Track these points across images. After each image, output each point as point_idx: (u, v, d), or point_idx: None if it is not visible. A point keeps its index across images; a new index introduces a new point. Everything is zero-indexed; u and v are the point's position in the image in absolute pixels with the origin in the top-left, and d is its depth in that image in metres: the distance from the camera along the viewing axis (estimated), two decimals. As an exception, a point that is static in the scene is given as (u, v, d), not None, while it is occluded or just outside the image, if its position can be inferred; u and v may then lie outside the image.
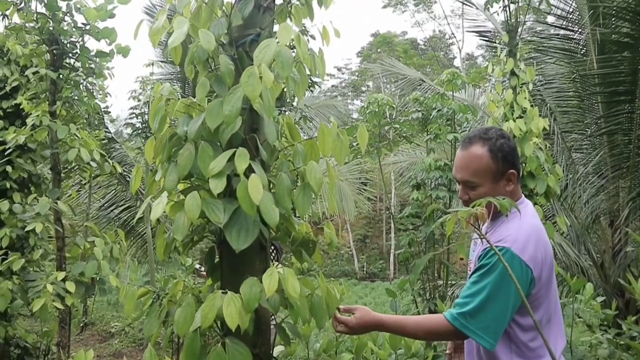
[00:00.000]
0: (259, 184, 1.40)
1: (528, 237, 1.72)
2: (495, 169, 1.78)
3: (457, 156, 1.87)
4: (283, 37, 1.48)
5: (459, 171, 1.84)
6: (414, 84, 9.38)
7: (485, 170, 1.77)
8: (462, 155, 1.84)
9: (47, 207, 3.81)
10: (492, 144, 1.78)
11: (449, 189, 5.56)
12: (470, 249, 2.03)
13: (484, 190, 1.77)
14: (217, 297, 1.39)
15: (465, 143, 1.85)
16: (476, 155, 1.79)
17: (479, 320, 1.66)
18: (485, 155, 1.77)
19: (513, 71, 4.02)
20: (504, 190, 1.80)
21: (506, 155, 1.79)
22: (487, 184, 1.78)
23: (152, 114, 1.67)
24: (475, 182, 1.78)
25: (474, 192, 1.78)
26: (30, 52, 4.27)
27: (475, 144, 1.80)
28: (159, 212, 1.49)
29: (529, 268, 1.68)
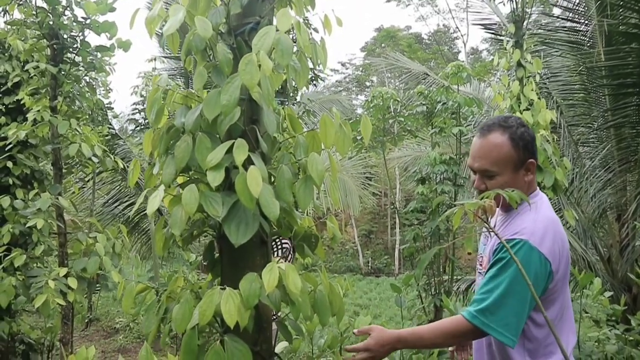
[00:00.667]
0: (258, 176, 1.36)
1: (545, 229, 1.66)
2: (517, 158, 1.71)
3: (474, 144, 1.79)
4: (282, 24, 1.43)
5: (476, 160, 1.76)
6: (419, 77, 9.30)
7: (506, 159, 1.70)
8: (480, 143, 1.76)
9: (48, 203, 3.78)
10: (513, 132, 1.72)
11: (455, 183, 5.49)
12: (481, 242, 1.97)
13: (503, 180, 1.70)
14: (215, 293, 1.34)
15: (483, 131, 1.77)
16: (496, 144, 1.71)
17: (499, 317, 1.59)
18: (506, 144, 1.71)
19: (520, 62, 3.95)
20: (522, 180, 1.74)
21: (527, 144, 1.73)
22: (506, 173, 1.71)
23: (149, 105, 1.62)
24: (494, 172, 1.71)
25: (492, 182, 1.72)
26: (31, 47, 4.24)
27: (494, 132, 1.73)
28: (156, 206, 1.44)
29: (547, 261, 1.62)
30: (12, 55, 5.09)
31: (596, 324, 4.76)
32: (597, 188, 7.23)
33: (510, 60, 3.96)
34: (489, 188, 1.70)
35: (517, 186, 1.69)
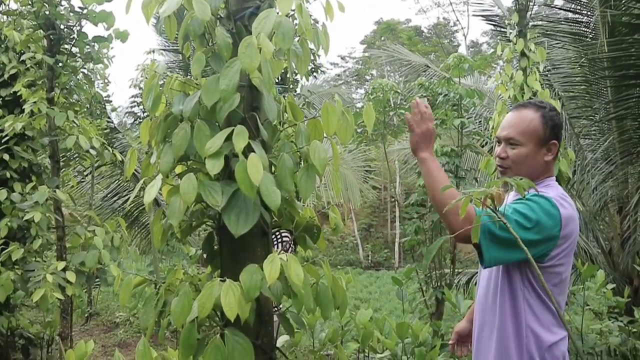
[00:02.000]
0: (259, 164, 1.31)
1: (565, 199, 1.73)
2: (542, 134, 1.79)
3: (506, 117, 1.89)
4: (283, 7, 1.38)
5: (505, 129, 1.84)
6: (419, 70, 9.23)
7: (533, 132, 1.79)
8: (512, 115, 1.87)
9: (45, 196, 3.73)
10: (545, 112, 1.82)
11: (456, 175, 5.44)
12: None
13: (524, 151, 1.78)
14: (214, 285, 1.30)
15: (518, 106, 1.89)
16: (527, 116, 1.81)
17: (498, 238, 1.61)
18: (536, 118, 1.80)
19: (523, 52, 3.89)
20: (542, 158, 1.81)
21: (555, 126, 1.81)
22: (529, 145, 1.78)
23: (145, 92, 1.57)
24: (518, 141, 1.79)
25: (514, 152, 1.80)
26: (27, 38, 4.17)
27: (528, 108, 1.84)
28: (153, 195, 1.40)
29: (561, 222, 1.66)
30: (8, 46, 5.02)
31: (598, 317, 4.73)
32: (599, 180, 7.19)
33: (514, 49, 3.90)
34: (509, 157, 1.80)
35: (535, 162, 1.79)
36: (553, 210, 1.66)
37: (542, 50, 3.91)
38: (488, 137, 6.99)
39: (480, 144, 7.58)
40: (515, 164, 1.80)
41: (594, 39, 7.05)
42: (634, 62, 6.74)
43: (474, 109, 6.65)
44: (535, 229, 1.62)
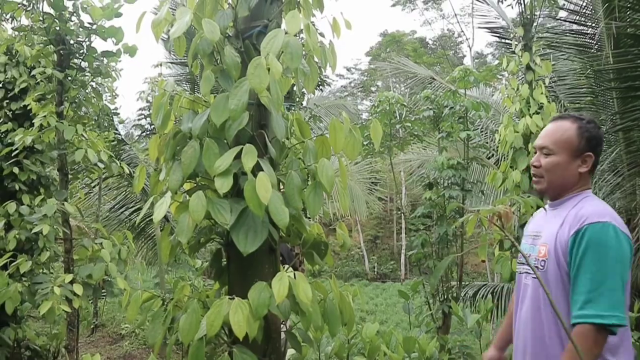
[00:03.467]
0: (267, 182, 1.32)
1: (616, 214, 1.69)
2: (576, 145, 1.78)
3: (544, 128, 1.90)
4: (291, 27, 1.40)
5: (540, 138, 1.86)
6: (424, 82, 9.25)
7: (566, 141, 1.79)
8: (549, 125, 1.87)
9: (54, 209, 3.75)
10: (582, 124, 1.81)
11: (462, 188, 5.43)
12: (523, 242, 1.94)
13: (557, 160, 1.78)
14: (223, 303, 1.30)
15: (556, 118, 1.89)
16: (563, 127, 1.81)
17: (618, 305, 1.56)
18: (572, 129, 1.80)
19: (529, 65, 3.90)
20: (575, 170, 1.79)
21: (591, 138, 1.79)
22: (562, 155, 1.78)
23: (154, 110, 1.59)
24: (551, 150, 1.80)
25: (547, 160, 1.80)
26: (37, 53, 4.23)
27: (566, 120, 1.84)
28: (162, 213, 1.41)
29: (630, 244, 1.64)
30: (19, 61, 5.10)
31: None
32: (606, 192, 7.13)
33: (519, 62, 3.91)
34: (542, 165, 1.80)
35: (567, 172, 1.78)
36: (630, 249, 1.63)
37: (547, 63, 3.92)
38: (494, 150, 6.98)
39: (486, 157, 7.57)
40: (547, 172, 1.80)
41: (599, 51, 7.05)
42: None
43: (480, 121, 6.65)
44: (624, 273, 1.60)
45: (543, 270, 1.73)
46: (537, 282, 1.75)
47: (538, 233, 1.86)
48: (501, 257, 3.65)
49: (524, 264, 1.90)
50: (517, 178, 3.61)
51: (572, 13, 7.71)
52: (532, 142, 3.72)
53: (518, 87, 3.89)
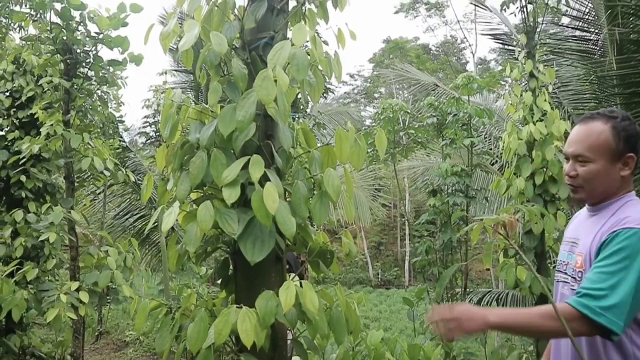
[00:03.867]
0: (274, 192, 1.34)
1: None
2: (615, 148, 1.62)
3: (573, 131, 1.72)
4: (298, 39, 1.42)
5: (572, 145, 1.68)
6: (428, 89, 9.27)
7: (603, 146, 1.62)
8: (579, 129, 1.69)
9: (60, 217, 3.78)
10: (617, 122, 1.63)
11: (466, 195, 5.43)
12: (562, 249, 1.82)
13: (596, 168, 1.63)
14: (231, 312, 1.32)
15: (585, 118, 1.70)
16: (596, 130, 1.64)
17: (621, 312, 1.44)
18: (607, 131, 1.62)
19: (532, 73, 3.92)
20: (617, 174, 1.64)
21: (629, 137, 1.62)
22: (601, 161, 1.62)
23: (162, 121, 1.62)
24: (588, 157, 1.63)
25: (584, 169, 1.64)
26: (45, 62, 4.28)
27: (597, 120, 1.66)
28: (171, 223, 1.43)
29: None
30: (26, 70, 5.16)
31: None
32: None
33: (522, 70, 3.93)
34: (580, 175, 1.65)
35: (609, 178, 1.63)
36: None
37: (551, 70, 3.94)
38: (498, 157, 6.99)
39: (490, 163, 7.57)
40: (587, 182, 1.65)
41: (602, 57, 7.06)
42: (644, 80, 6.74)
43: (484, 127, 6.67)
44: None
45: (580, 282, 1.61)
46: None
47: (576, 240, 1.75)
48: (506, 264, 3.65)
49: (561, 271, 1.78)
50: (521, 185, 3.61)
51: (575, 19, 7.74)
52: (536, 149, 3.73)
53: (521, 94, 3.90)
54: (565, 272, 1.75)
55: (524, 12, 4.01)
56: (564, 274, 1.76)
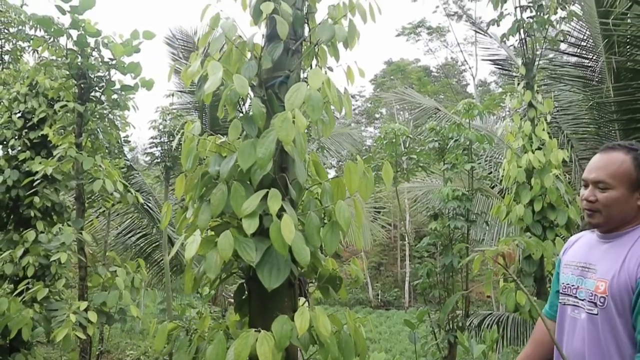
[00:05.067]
0: (291, 224, 1.44)
1: None
2: (635, 178, 1.71)
3: (593, 159, 1.81)
4: (314, 82, 1.54)
5: (593, 171, 1.77)
6: (429, 112, 9.44)
7: (624, 174, 1.71)
8: (600, 157, 1.79)
9: (72, 238, 3.88)
10: (637, 154, 1.73)
11: (467, 219, 5.53)
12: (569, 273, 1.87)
13: (615, 195, 1.71)
14: (250, 335, 1.41)
15: (607, 148, 1.80)
16: (618, 159, 1.74)
17: None
18: (628, 161, 1.72)
19: (531, 103, 4.05)
20: (635, 203, 1.72)
21: None
22: (620, 189, 1.71)
23: (184, 154, 1.73)
24: (609, 184, 1.72)
25: (604, 195, 1.73)
26: (59, 86, 4.42)
27: (618, 151, 1.76)
28: (194, 251, 1.53)
29: None
30: (38, 92, 5.30)
31: None
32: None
33: (522, 100, 4.07)
34: (599, 200, 1.73)
35: (627, 207, 1.71)
36: None
37: (549, 101, 4.07)
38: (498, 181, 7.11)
39: (490, 186, 7.69)
40: (605, 207, 1.72)
41: (600, 83, 7.23)
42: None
43: (484, 151, 6.80)
44: None
45: (603, 307, 1.67)
46: (595, 318, 1.69)
47: (590, 265, 1.79)
48: (506, 288, 3.73)
49: (570, 295, 1.83)
50: (521, 212, 3.72)
51: (571, 45, 7.94)
52: (535, 177, 3.84)
53: (521, 123, 4.04)
54: (576, 296, 1.80)
55: (523, 45, 4.17)
56: (574, 297, 1.80)
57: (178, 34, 12.06)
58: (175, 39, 12.09)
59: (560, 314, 1.88)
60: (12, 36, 7.32)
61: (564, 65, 8.22)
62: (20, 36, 6.53)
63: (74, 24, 4.15)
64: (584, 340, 1.72)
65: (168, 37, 12.07)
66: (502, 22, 4.44)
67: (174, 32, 12.10)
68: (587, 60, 7.74)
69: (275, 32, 1.80)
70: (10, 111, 5.28)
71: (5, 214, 5.31)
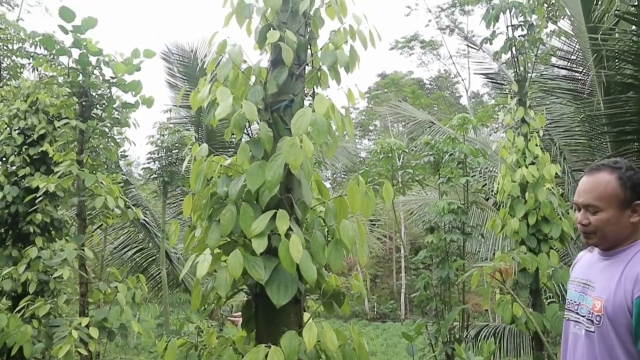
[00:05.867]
0: (299, 243, 1.52)
1: None
2: (622, 197, 1.74)
3: (581, 182, 1.84)
4: (319, 108, 1.63)
5: (581, 195, 1.81)
6: (423, 126, 9.57)
7: (611, 195, 1.74)
8: (587, 180, 1.82)
9: (74, 254, 3.92)
10: (622, 172, 1.76)
11: (463, 232, 5.62)
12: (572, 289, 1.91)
13: (606, 216, 1.74)
14: (260, 350, 1.48)
15: (592, 170, 1.83)
16: (602, 180, 1.76)
17: None
18: (613, 181, 1.75)
19: (523, 119, 4.16)
20: (627, 221, 1.75)
21: (635, 185, 1.75)
22: (610, 210, 1.74)
23: (194, 176, 1.80)
24: (598, 206, 1.75)
25: (595, 217, 1.76)
26: (61, 104, 4.49)
27: (603, 171, 1.78)
28: (205, 270, 1.59)
29: None
30: (38, 108, 5.35)
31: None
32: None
33: (514, 116, 4.17)
34: (592, 223, 1.77)
35: (620, 225, 1.74)
36: None
37: (541, 117, 4.18)
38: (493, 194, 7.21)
39: (485, 198, 7.78)
40: (599, 229, 1.75)
41: (591, 95, 7.38)
42: (630, 119, 7.04)
43: (479, 165, 6.90)
44: None
45: (599, 325, 1.70)
46: (592, 336, 1.73)
47: (589, 282, 1.83)
48: (502, 300, 3.80)
49: (572, 311, 1.86)
50: (516, 225, 3.80)
51: (563, 59, 8.10)
52: (529, 191, 3.93)
53: (514, 138, 4.14)
54: (577, 312, 1.84)
55: (515, 63, 4.29)
56: (576, 313, 1.85)
57: (174, 49, 12.14)
58: (172, 54, 12.16)
59: (564, 329, 1.93)
60: (11, 52, 7.38)
61: (555, 79, 8.38)
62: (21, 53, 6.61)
63: (76, 43, 4.23)
64: (583, 356, 1.76)
65: (164, 52, 12.14)
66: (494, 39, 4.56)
67: (170, 47, 12.18)
68: (578, 73, 7.90)
69: (280, 58, 1.89)
70: (10, 127, 5.32)
71: (4, 230, 5.32)
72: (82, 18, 4.17)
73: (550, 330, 3.68)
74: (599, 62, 7.09)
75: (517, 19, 4.33)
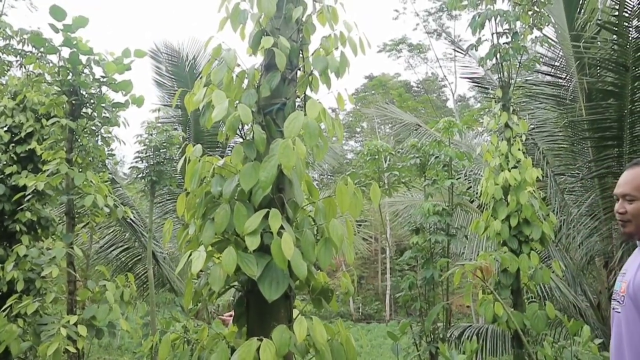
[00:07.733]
0: (290, 241, 1.59)
1: None
2: None
3: (622, 176, 2.00)
4: (311, 112, 1.70)
5: (620, 186, 1.97)
6: (410, 128, 9.69)
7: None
8: (627, 173, 1.98)
9: (63, 253, 3.93)
10: None
11: (447, 233, 5.73)
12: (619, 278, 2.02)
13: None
14: (252, 343, 1.54)
15: (632, 165, 2.00)
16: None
17: None
18: None
19: (507, 124, 4.28)
20: None
21: None
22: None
23: (189, 176, 1.86)
24: (635, 196, 1.90)
25: (632, 206, 1.91)
26: (51, 102, 4.49)
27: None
28: (199, 266, 1.65)
29: None
30: (26, 106, 5.33)
31: (587, 372, 4.89)
32: (584, 235, 7.45)
33: (498, 121, 4.29)
34: (628, 211, 1.92)
35: None
36: None
37: (524, 122, 4.31)
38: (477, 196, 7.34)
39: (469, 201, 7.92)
40: (634, 217, 1.90)
41: (573, 101, 7.56)
42: (611, 125, 7.24)
43: (464, 168, 7.03)
44: None
45: (623, 305, 1.87)
46: (619, 317, 1.89)
47: (625, 271, 1.98)
48: (484, 300, 3.91)
49: (614, 299, 2.01)
50: (498, 227, 3.91)
51: (546, 65, 8.29)
52: (511, 194, 4.04)
53: (498, 143, 4.25)
54: (614, 298, 2.00)
55: (500, 69, 4.41)
56: (614, 300, 1.99)
57: (163, 47, 12.07)
58: (160, 52, 12.09)
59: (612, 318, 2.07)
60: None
61: (539, 84, 8.56)
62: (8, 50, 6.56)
63: (67, 42, 4.24)
64: (615, 335, 1.93)
65: (152, 51, 12.07)
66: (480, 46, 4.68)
67: (158, 46, 12.11)
68: (561, 79, 8.09)
69: (273, 62, 1.96)
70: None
71: (-10, 228, 5.30)
72: (72, 17, 4.19)
73: (530, 329, 3.80)
74: (581, 69, 7.28)
75: (502, 26, 4.45)
